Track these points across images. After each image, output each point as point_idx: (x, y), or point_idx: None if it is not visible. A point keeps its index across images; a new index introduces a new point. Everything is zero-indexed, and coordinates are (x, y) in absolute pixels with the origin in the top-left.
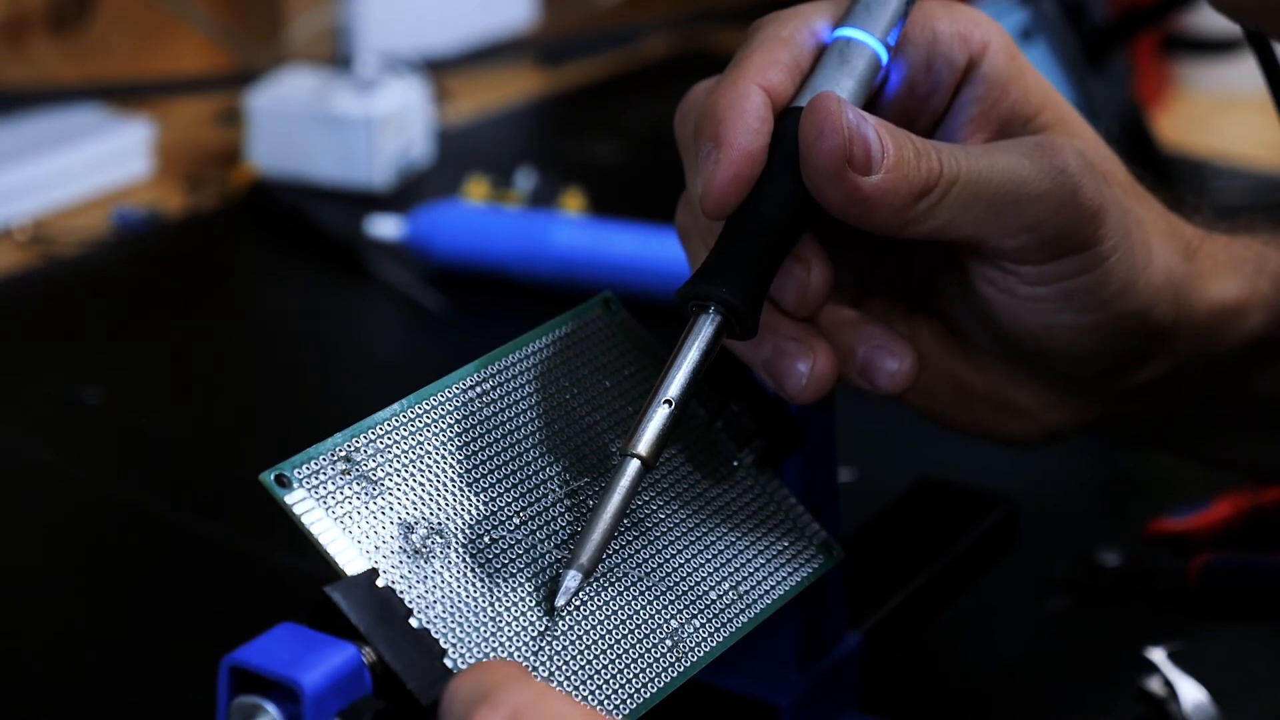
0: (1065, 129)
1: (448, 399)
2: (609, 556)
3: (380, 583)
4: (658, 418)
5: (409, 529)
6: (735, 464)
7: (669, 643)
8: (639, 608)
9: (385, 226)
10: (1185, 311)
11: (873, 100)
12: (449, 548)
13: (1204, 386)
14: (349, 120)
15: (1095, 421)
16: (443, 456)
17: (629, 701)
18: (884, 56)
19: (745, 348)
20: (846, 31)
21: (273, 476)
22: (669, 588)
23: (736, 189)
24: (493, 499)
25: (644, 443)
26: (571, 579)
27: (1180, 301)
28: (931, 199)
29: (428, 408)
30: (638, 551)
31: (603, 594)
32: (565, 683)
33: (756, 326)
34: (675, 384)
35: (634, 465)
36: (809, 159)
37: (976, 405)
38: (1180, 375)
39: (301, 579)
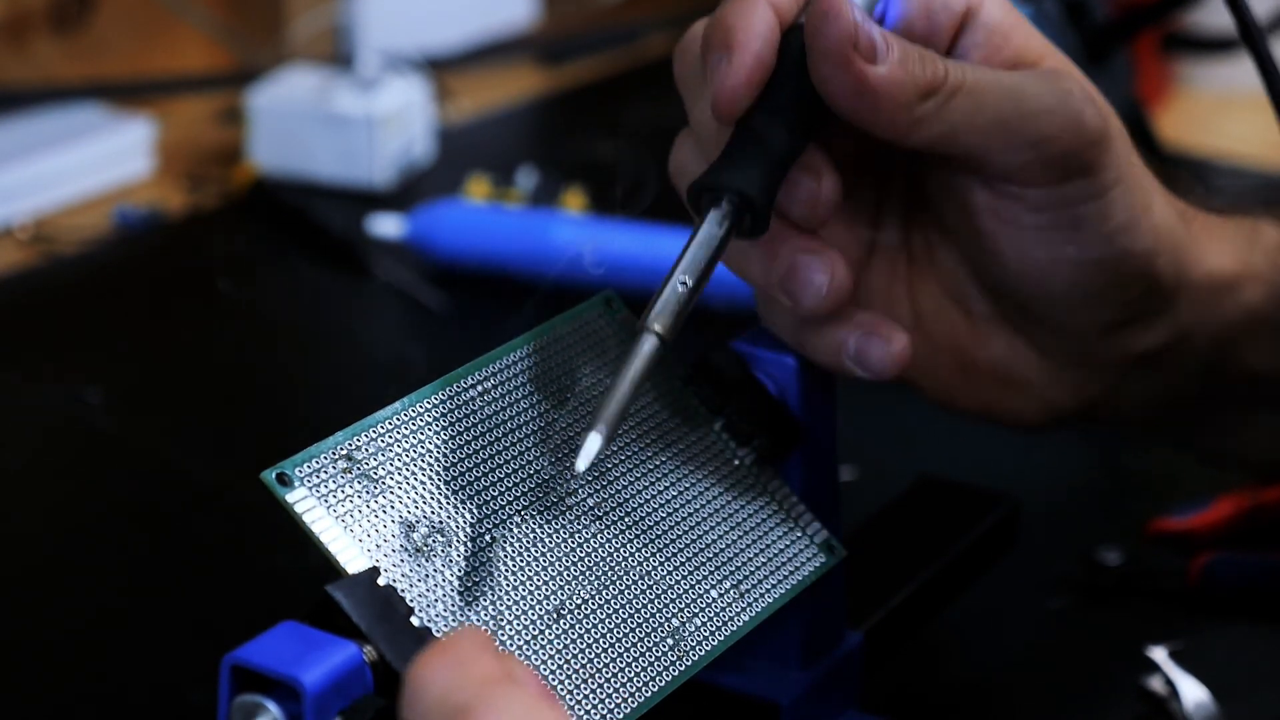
0: (1067, 71)
1: (449, 397)
2: (609, 556)
3: (381, 581)
4: (674, 296)
5: (410, 527)
6: (736, 463)
7: (670, 641)
8: (640, 606)
9: (387, 225)
10: (1184, 274)
11: None
12: (450, 546)
13: (1202, 362)
14: (350, 119)
15: (1097, 404)
16: (444, 455)
17: (630, 700)
18: None
19: (758, 269)
20: None
21: (274, 475)
22: (670, 586)
23: (749, 89)
24: (494, 498)
25: (661, 318)
26: (592, 441)
27: (1179, 261)
28: (937, 100)
29: (429, 406)
30: (638, 550)
31: (604, 592)
32: (566, 681)
33: (768, 222)
34: (690, 265)
35: (651, 341)
36: (816, 45)
37: (978, 380)
38: (1180, 348)
39: (302, 578)
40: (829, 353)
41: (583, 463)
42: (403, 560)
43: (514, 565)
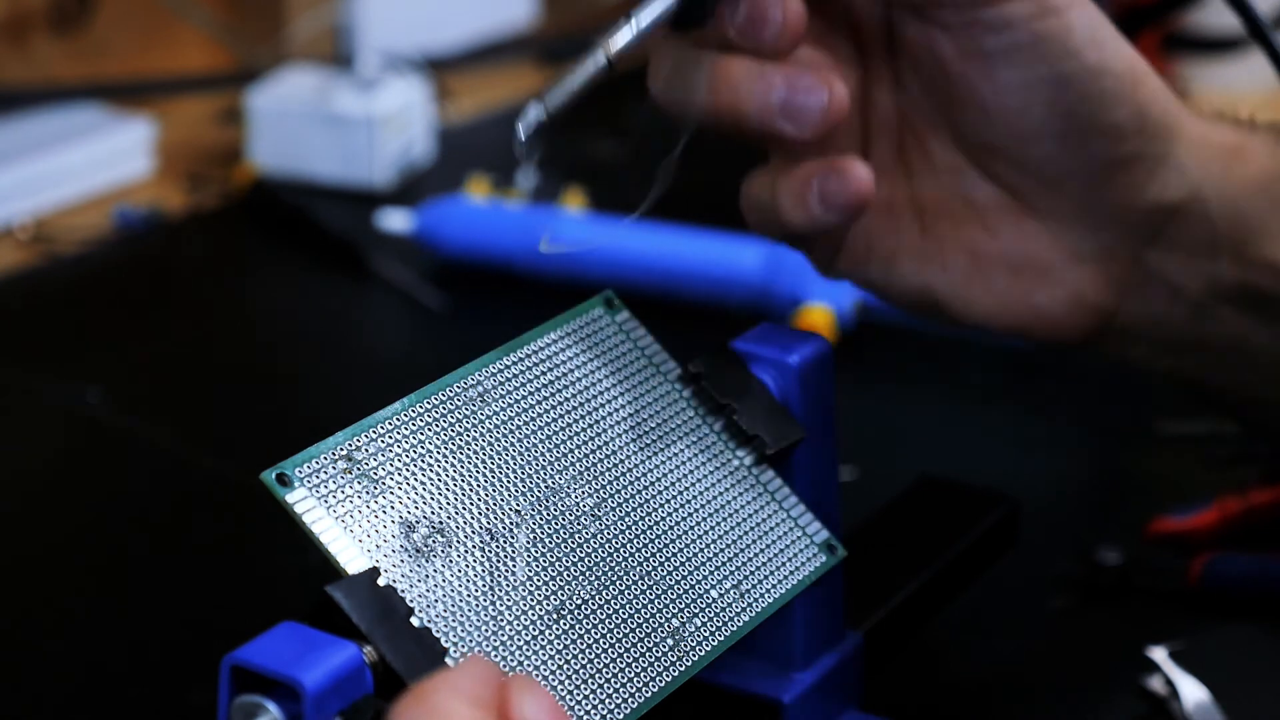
0: None
1: (449, 398)
2: (609, 555)
3: (381, 581)
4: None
5: (410, 528)
6: (736, 463)
7: (670, 641)
8: (640, 606)
9: (395, 220)
10: (1178, 120)
11: None
12: (450, 546)
13: (1220, 241)
14: (350, 119)
15: (1125, 295)
16: (444, 455)
17: (631, 700)
18: None
19: (756, 101)
20: None
21: (274, 475)
22: (670, 586)
23: None
24: (494, 498)
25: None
26: (533, 108)
27: (1169, 105)
28: None
29: (429, 406)
30: (639, 550)
31: (604, 592)
32: (566, 681)
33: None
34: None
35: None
36: None
37: (997, 277)
38: (1193, 212)
39: (302, 578)
40: (795, 198)
41: (520, 133)
42: (403, 561)
43: (514, 565)
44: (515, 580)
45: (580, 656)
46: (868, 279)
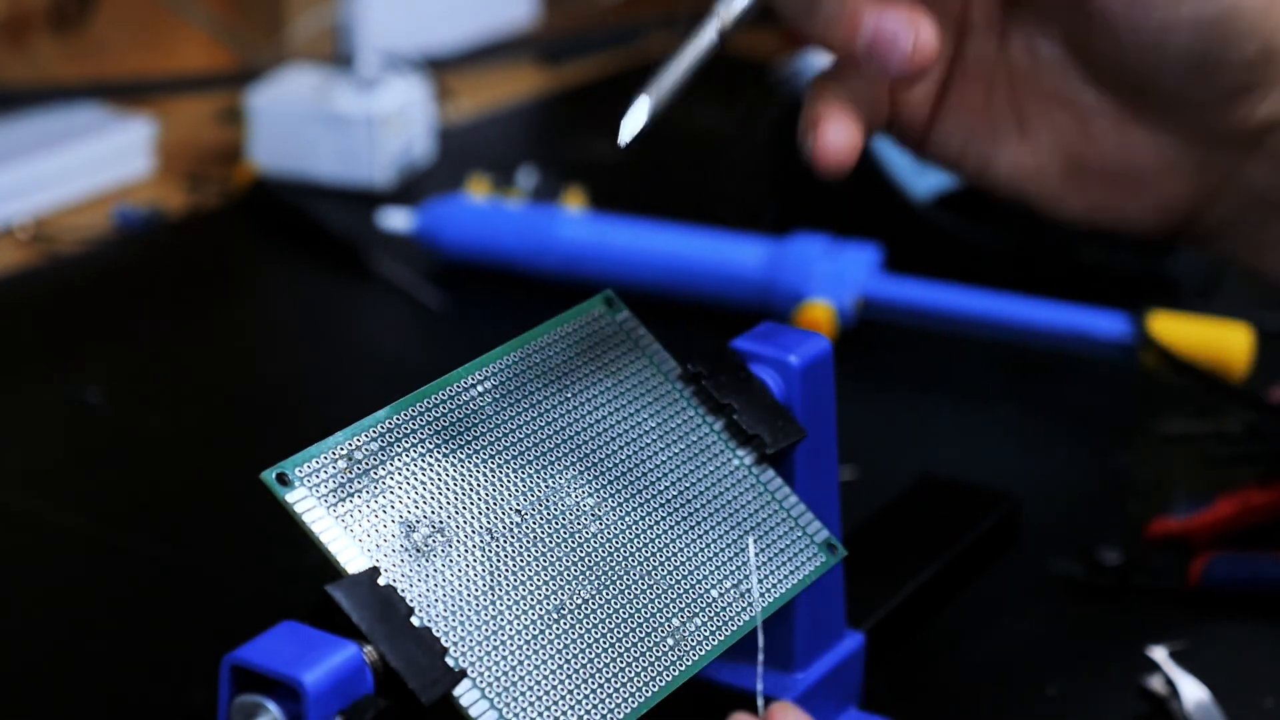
0: None
1: (449, 397)
2: (610, 555)
3: (382, 581)
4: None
5: (410, 527)
6: (736, 463)
7: (670, 641)
8: (640, 606)
9: (395, 220)
10: None
11: None
12: (450, 546)
13: None
14: (350, 119)
15: (1213, 199)
16: (444, 455)
17: (631, 699)
18: None
19: (840, 31)
20: None
21: (274, 475)
22: (670, 586)
23: None
24: (495, 497)
25: (730, 8)
26: (639, 105)
27: None
28: None
29: (429, 406)
30: (639, 550)
31: (604, 592)
32: (566, 681)
33: None
34: None
35: (715, 27)
36: None
37: (1091, 181)
38: None
39: (303, 578)
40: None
41: (626, 133)
42: (403, 560)
43: (514, 565)
44: (515, 580)
45: (580, 656)
46: (959, 168)
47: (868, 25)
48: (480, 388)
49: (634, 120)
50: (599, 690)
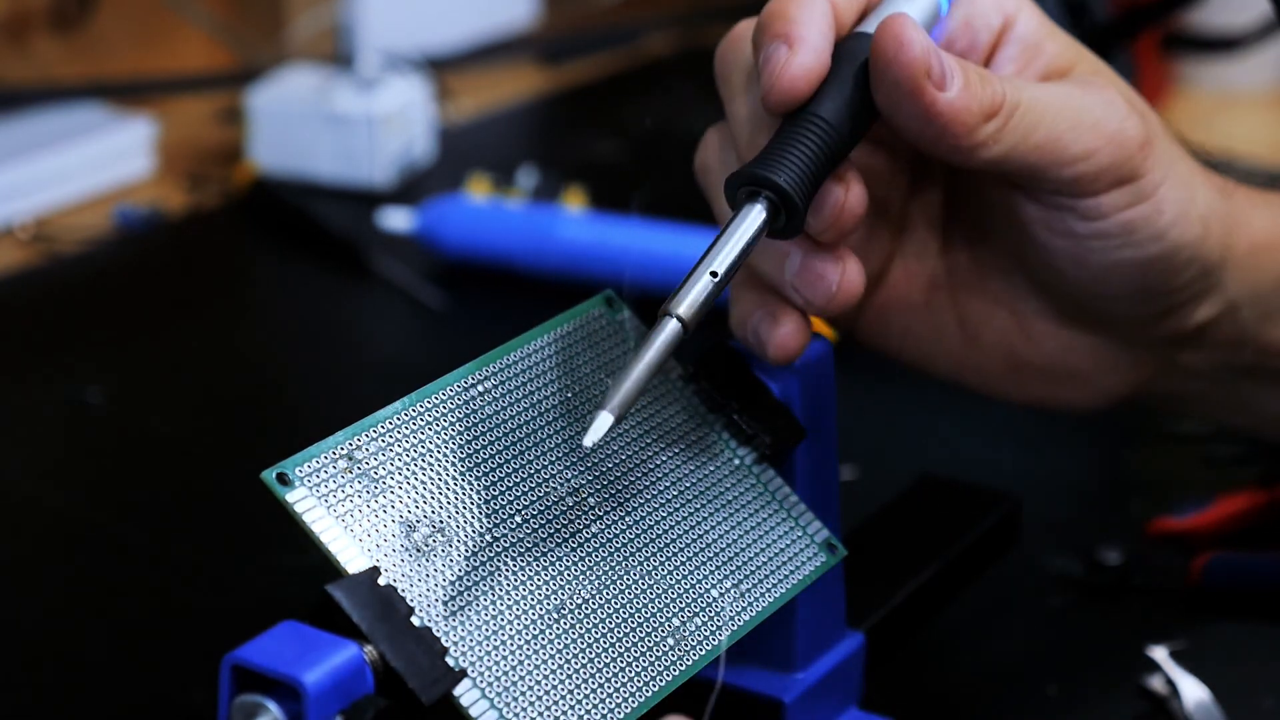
0: (1101, 76)
1: (450, 397)
2: (610, 555)
3: (382, 581)
4: (701, 284)
5: (411, 527)
6: (737, 462)
7: (671, 641)
8: (641, 606)
9: (395, 220)
10: (1229, 248)
11: None
12: (451, 546)
13: (1249, 331)
14: (350, 119)
15: (1149, 383)
16: (445, 454)
17: (631, 699)
18: (944, 7)
19: (771, 262)
20: None
21: (274, 475)
22: (671, 586)
23: (807, 83)
24: (495, 497)
25: (685, 304)
26: (601, 420)
27: (1224, 239)
28: (997, 122)
29: (430, 405)
30: (639, 549)
31: (604, 591)
32: (567, 681)
33: (803, 224)
34: (721, 257)
35: (672, 325)
36: (886, 73)
37: (1031, 377)
38: (1228, 317)
39: (303, 578)
40: (737, 323)
41: (590, 439)
42: (403, 560)
43: (515, 565)
44: (516, 579)
45: (581, 656)
46: (897, 356)
47: (792, 261)
48: (481, 387)
49: (596, 432)
50: (599, 690)
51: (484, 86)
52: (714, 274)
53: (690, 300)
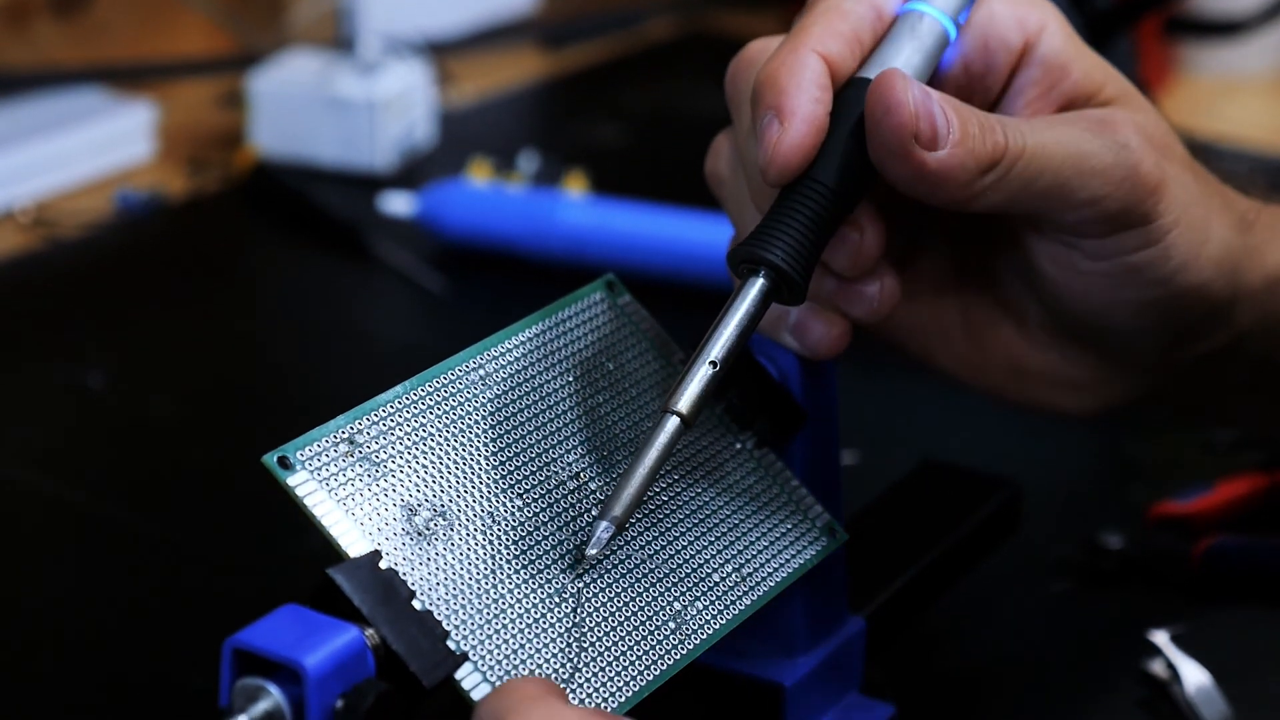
0: (1126, 104)
1: (451, 381)
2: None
3: (383, 564)
4: (700, 377)
5: (412, 511)
6: (738, 447)
7: (672, 625)
8: (642, 590)
9: (396, 204)
10: (1241, 286)
11: (930, 78)
12: (452, 529)
13: (1257, 357)
14: (351, 103)
15: (1151, 396)
16: (446, 439)
17: (633, 683)
18: (953, 34)
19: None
20: (919, 6)
21: (275, 459)
22: (672, 570)
23: (801, 157)
24: (496, 481)
25: (685, 401)
26: (604, 530)
27: (1238, 275)
28: (997, 173)
29: (431, 390)
30: (641, 534)
31: (606, 576)
32: (569, 664)
33: (805, 295)
34: (720, 345)
35: (673, 422)
36: (875, 135)
37: (1031, 382)
38: (1236, 348)
39: (304, 561)
40: (770, 326)
41: (593, 550)
42: (404, 543)
43: (517, 549)
44: (518, 563)
45: (582, 639)
46: (900, 348)
47: (794, 311)
48: (482, 371)
49: (599, 542)
50: (601, 673)
51: (485, 71)
52: (713, 364)
53: (690, 395)
